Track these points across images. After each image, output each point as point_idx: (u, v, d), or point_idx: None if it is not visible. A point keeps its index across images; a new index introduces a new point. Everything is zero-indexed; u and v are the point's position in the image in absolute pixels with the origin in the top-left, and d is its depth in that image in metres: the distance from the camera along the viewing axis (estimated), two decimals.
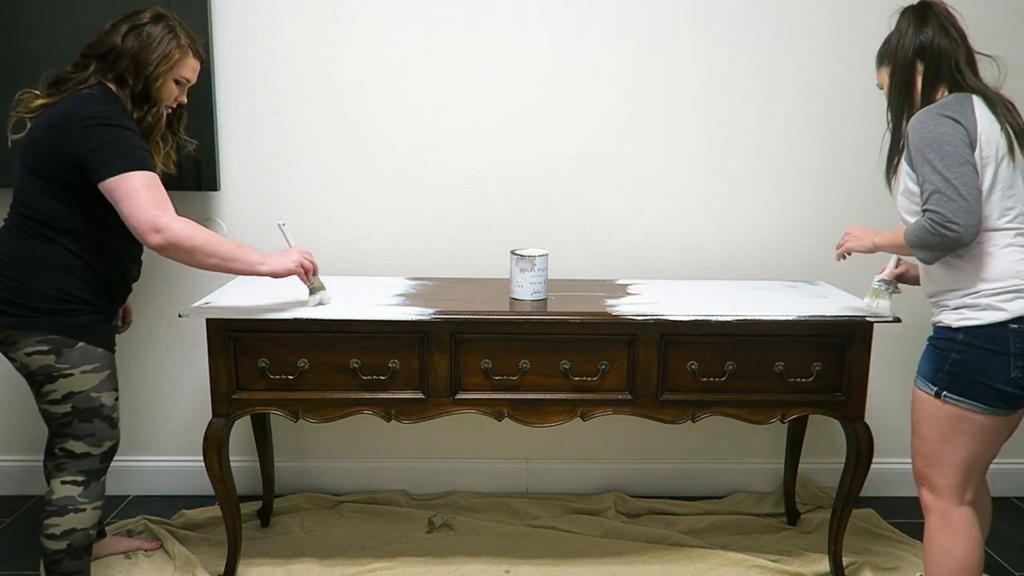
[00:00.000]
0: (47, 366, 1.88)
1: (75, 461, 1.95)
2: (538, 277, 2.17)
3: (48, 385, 1.90)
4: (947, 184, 1.65)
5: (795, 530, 2.57)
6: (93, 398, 1.93)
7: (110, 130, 1.83)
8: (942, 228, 1.65)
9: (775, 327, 2.08)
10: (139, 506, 2.69)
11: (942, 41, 1.78)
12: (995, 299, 1.71)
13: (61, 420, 1.93)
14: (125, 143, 1.84)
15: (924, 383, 1.81)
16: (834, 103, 2.60)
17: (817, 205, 2.67)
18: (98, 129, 1.82)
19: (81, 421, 1.93)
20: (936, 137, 1.68)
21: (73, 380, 1.90)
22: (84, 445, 1.95)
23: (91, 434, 1.95)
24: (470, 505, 2.67)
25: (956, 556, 1.80)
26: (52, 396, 1.91)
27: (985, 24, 1.86)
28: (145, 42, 1.93)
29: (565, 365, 2.08)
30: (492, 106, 2.60)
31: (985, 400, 1.73)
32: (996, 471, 2.67)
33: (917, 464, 1.87)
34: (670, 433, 2.78)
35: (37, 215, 1.88)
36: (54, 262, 1.88)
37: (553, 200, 2.65)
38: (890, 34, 1.87)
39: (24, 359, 1.88)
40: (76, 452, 1.95)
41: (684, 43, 2.58)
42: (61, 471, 1.95)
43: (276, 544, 2.42)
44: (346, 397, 2.08)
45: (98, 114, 1.83)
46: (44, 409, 1.94)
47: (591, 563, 2.34)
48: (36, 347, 1.87)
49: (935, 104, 1.76)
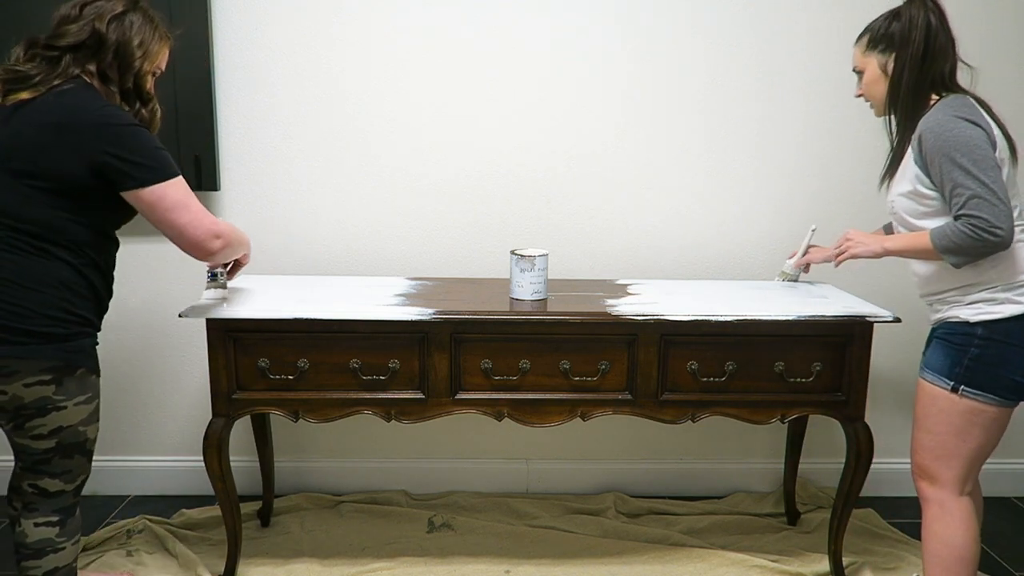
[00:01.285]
0: (43, 398, 1.68)
1: (48, 500, 1.78)
2: (538, 277, 2.17)
3: (37, 419, 1.70)
4: (985, 188, 1.65)
5: (795, 530, 2.57)
6: (80, 432, 1.76)
7: (134, 133, 1.69)
8: (986, 233, 1.65)
9: (775, 327, 2.08)
10: (139, 506, 2.69)
11: (945, 42, 1.79)
12: (1012, 293, 1.74)
13: (40, 456, 1.74)
14: (153, 146, 1.71)
15: (938, 378, 1.81)
16: (834, 103, 2.60)
17: (817, 205, 2.67)
18: (121, 132, 1.67)
19: (62, 457, 1.76)
20: (965, 140, 1.68)
21: (65, 413, 1.72)
22: (59, 483, 1.78)
23: (68, 471, 1.78)
24: (470, 505, 2.67)
25: (955, 545, 1.82)
26: (38, 431, 1.71)
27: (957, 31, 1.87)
28: (129, 33, 1.74)
29: (565, 365, 2.08)
30: (492, 106, 2.60)
31: (1002, 393, 1.76)
32: (996, 471, 2.68)
33: (920, 458, 1.87)
34: (670, 433, 2.78)
35: (31, 227, 1.67)
36: (54, 279, 1.68)
37: (553, 200, 2.65)
38: (890, 21, 1.83)
39: (20, 391, 1.66)
40: (50, 490, 1.77)
41: (684, 43, 2.58)
42: (32, 511, 1.78)
43: (276, 544, 2.42)
44: (346, 397, 2.08)
45: (114, 115, 1.68)
46: (22, 444, 1.74)
47: (591, 563, 2.34)
48: (38, 377, 1.67)
49: (944, 107, 1.75)
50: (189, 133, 2.49)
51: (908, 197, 1.82)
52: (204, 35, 2.46)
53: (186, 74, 2.45)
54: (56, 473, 1.76)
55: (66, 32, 1.70)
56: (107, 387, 2.74)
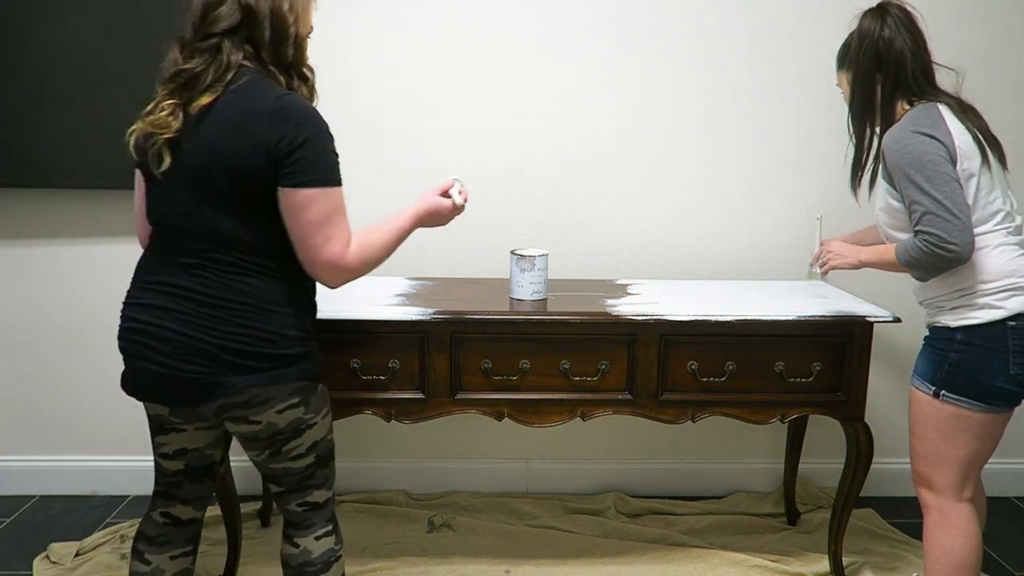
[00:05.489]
0: (296, 420, 1.61)
1: (320, 511, 1.71)
2: (538, 277, 2.17)
3: (294, 441, 1.62)
4: (938, 205, 1.65)
5: (795, 530, 2.57)
6: (329, 441, 1.71)
7: (308, 127, 1.51)
8: (938, 249, 1.66)
9: (775, 327, 2.08)
10: (139, 506, 2.68)
11: (903, 48, 1.77)
12: (992, 298, 1.72)
13: (304, 474, 1.67)
14: (325, 147, 1.55)
15: (922, 383, 1.81)
16: (836, 102, 2.56)
17: (817, 205, 2.67)
18: (297, 121, 1.50)
19: (322, 468, 1.70)
20: (918, 156, 1.68)
21: (316, 429, 1.66)
22: (325, 492, 1.72)
23: (328, 478, 1.73)
24: (470, 505, 2.67)
25: (956, 553, 1.81)
26: (297, 451, 1.64)
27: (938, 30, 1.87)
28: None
29: (565, 365, 2.08)
30: (491, 106, 2.60)
31: (984, 398, 1.74)
32: (996, 471, 2.68)
33: (916, 464, 1.87)
34: (670, 433, 2.78)
35: (255, 248, 1.55)
36: (286, 298, 1.58)
37: (553, 200, 2.65)
38: (849, 37, 1.86)
39: (274, 418, 1.58)
40: (320, 502, 1.71)
41: (685, 44, 2.58)
42: (310, 528, 1.69)
43: (276, 544, 2.41)
44: (346, 397, 2.08)
45: (290, 103, 1.52)
46: (282, 468, 1.65)
47: (591, 563, 2.34)
48: (288, 400, 1.58)
49: (906, 120, 1.75)
50: None
51: (884, 211, 1.84)
52: None
53: None
54: (320, 484, 1.71)
55: (217, 17, 1.53)
56: (108, 387, 2.75)
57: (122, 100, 2.43)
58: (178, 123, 1.51)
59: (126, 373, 1.62)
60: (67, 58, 2.44)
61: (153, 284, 1.57)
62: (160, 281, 1.56)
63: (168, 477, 1.71)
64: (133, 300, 1.60)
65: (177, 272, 1.55)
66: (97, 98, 2.45)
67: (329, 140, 1.57)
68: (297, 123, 1.50)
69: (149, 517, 1.73)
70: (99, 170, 2.48)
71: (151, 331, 1.54)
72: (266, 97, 1.51)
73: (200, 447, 1.69)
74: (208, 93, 1.51)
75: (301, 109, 1.53)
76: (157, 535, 1.72)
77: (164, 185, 1.55)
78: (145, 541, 1.72)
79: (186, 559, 1.75)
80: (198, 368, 1.52)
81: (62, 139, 2.48)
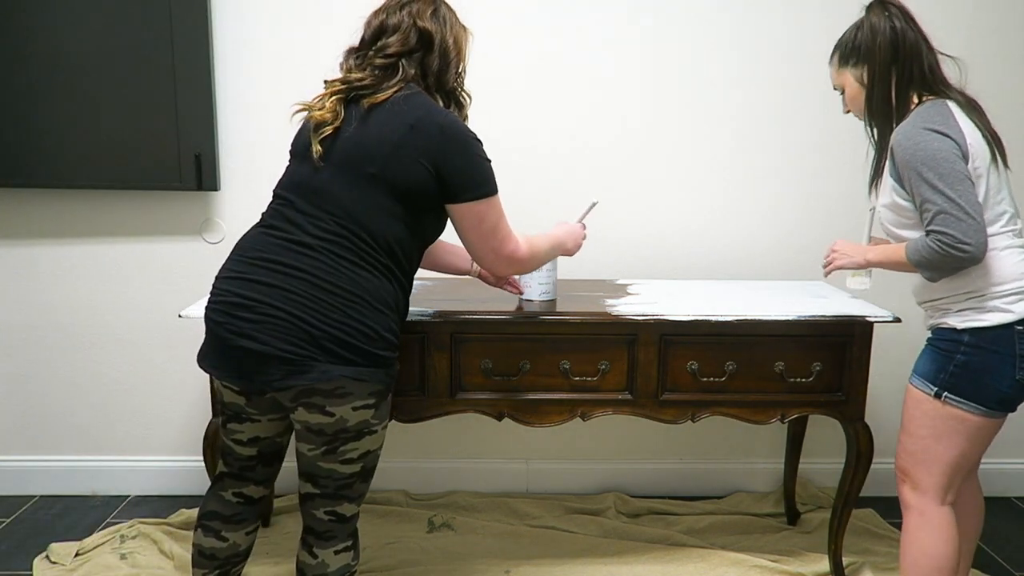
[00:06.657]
0: (364, 422, 1.59)
1: (344, 525, 1.68)
2: (547, 277, 2.17)
3: (353, 443, 1.60)
4: (952, 204, 1.62)
5: (795, 530, 2.57)
6: (377, 455, 1.68)
7: (474, 144, 1.63)
8: (953, 249, 1.63)
9: (775, 327, 2.08)
10: (139, 506, 2.69)
11: (916, 40, 1.76)
12: (1000, 301, 1.70)
13: (344, 482, 1.64)
14: (485, 159, 1.66)
15: (923, 383, 1.80)
16: (836, 102, 2.59)
17: (818, 205, 2.67)
18: (466, 142, 1.62)
19: (362, 481, 1.67)
20: (931, 154, 1.65)
21: (375, 437, 1.64)
22: (354, 507, 1.69)
23: (361, 494, 1.70)
24: (470, 505, 2.67)
25: (934, 556, 1.80)
26: (350, 455, 1.61)
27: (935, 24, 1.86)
28: (445, 29, 1.67)
29: (565, 365, 2.08)
30: (490, 106, 2.59)
31: (986, 402, 1.73)
32: (996, 471, 2.68)
33: (902, 461, 1.86)
34: (670, 433, 2.78)
35: (380, 242, 1.59)
36: (392, 300, 1.62)
37: (552, 200, 2.64)
38: (855, 33, 1.82)
39: (348, 414, 1.57)
40: (347, 515, 1.68)
41: (687, 43, 2.58)
42: (330, 539, 1.67)
43: (276, 544, 2.42)
44: None
45: (457, 123, 1.63)
46: (328, 469, 1.62)
47: (591, 563, 2.34)
48: (365, 400, 1.57)
49: (916, 117, 1.72)
50: (189, 132, 2.49)
51: (889, 208, 1.81)
52: (204, 34, 2.45)
53: (186, 73, 2.46)
54: (354, 498, 1.68)
55: (396, 40, 1.65)
56: (108, 387, 2.75)
57: (122, 100, 2.46)
58: (343, 115, 1.61)
59: (207, 349, 1.62)
60: (67, 58, 2.44)
61: (259, 261, 1.58)
62: (268, 259, 1.57)
63: (241, 461, 1.77)
64: (235, 275, 1.59)
65: (290, 253, 1.56)
66: (97, 98, 2.45)
67: (484, 152, 1.67)
68: (465, 141, 1.62)
69: (220, 497, 1.78)
70: (99, 170, 2.48)
71: (256, 307, 1.53)
72: (437, 111, 1.62)
73: (272, 436, 1.76)
74: (379, 94, 1.61)
75: (464, 128, 1.65)
76: (232, 514, 1.78)
77: (311, 168, 1.62)
78: (220, 520, 1.78)
79: (255, 533, 1.84)
80: (297, 349, 1.51)
81: (62, 139, 2.48)
